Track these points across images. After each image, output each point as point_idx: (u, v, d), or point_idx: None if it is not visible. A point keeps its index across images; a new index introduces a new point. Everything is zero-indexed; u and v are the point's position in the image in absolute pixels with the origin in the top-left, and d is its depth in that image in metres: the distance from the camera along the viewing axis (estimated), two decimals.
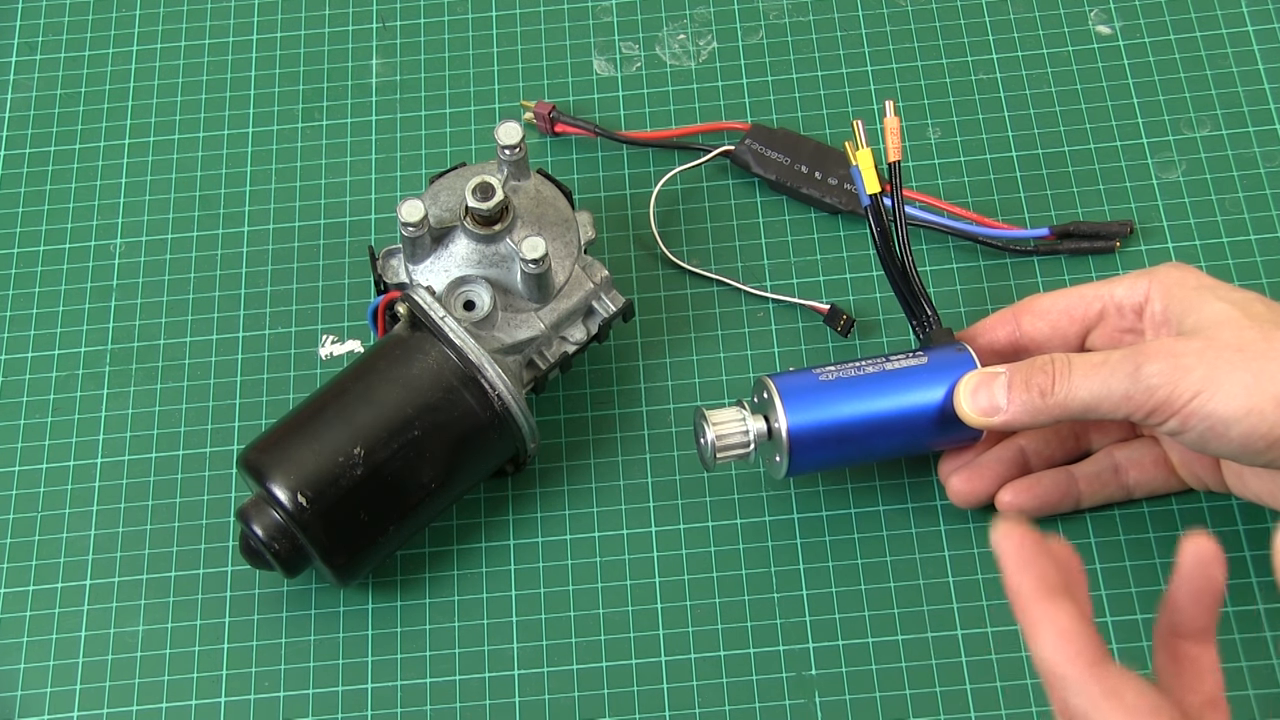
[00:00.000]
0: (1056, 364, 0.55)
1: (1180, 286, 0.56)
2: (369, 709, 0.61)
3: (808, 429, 0.58)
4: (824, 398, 0.58)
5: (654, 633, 0.61)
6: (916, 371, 0.59)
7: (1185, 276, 0.57)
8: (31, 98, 0.75)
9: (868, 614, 0.61)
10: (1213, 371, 0.52)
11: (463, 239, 0.62)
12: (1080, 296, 0.59)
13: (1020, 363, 0.57)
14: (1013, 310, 0.60)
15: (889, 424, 0.58)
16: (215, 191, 0.72)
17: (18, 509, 0.65)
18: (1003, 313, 0.61)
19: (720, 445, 0.59)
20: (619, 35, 0.75)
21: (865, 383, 0.58)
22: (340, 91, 0.74)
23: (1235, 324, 0.53)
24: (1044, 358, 0.56)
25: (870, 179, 0.60)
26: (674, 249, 0.69)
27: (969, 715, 0.59)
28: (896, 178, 0.61)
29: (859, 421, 0.58)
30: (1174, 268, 0.57)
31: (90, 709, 0.61)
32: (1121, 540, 0.62)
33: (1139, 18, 0.73)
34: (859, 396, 0.58)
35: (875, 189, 0.60)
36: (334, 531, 0.58)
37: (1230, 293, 0.55)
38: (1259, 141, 0.70)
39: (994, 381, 0.57)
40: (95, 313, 0.69)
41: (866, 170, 0.60)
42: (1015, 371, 0.56)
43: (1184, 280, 0.56)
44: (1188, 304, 0.55)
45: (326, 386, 0.60)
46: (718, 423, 0.59)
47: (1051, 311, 0.59)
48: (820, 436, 0.58)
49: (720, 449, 0.59)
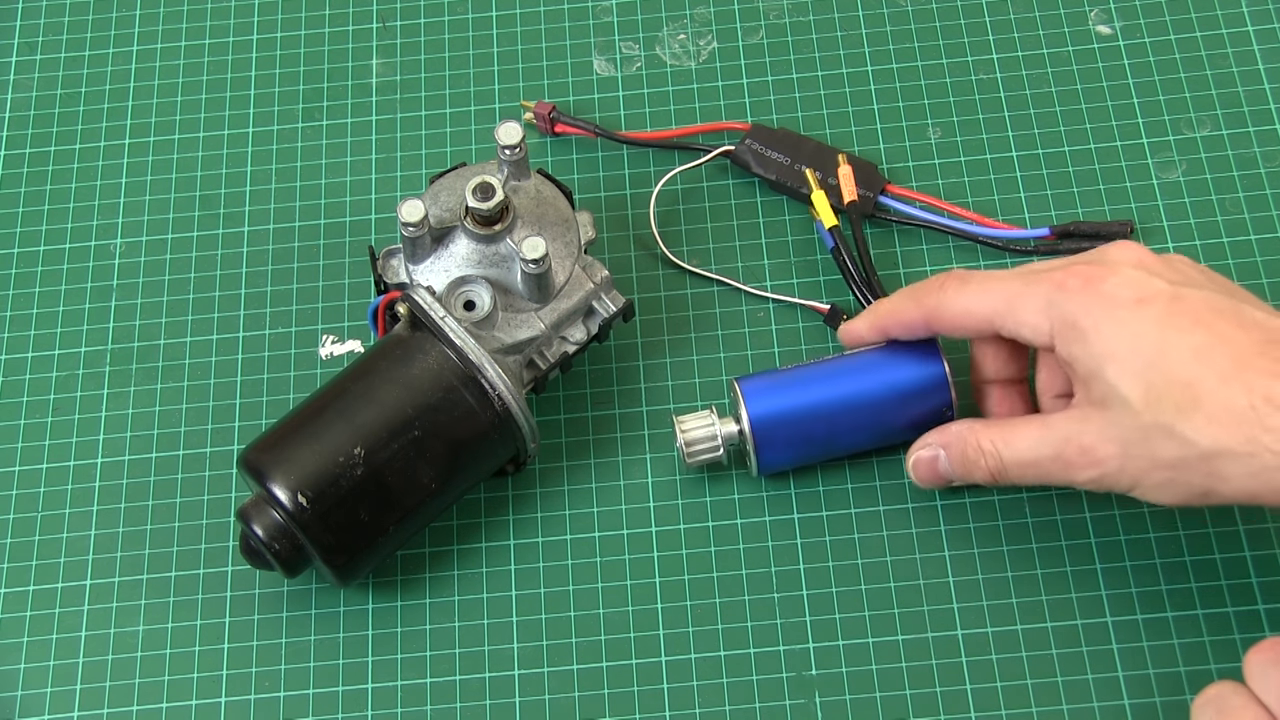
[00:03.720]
0: (987, 456, 0.57)
1: (1081, 320, 0.53)
2: (369, 709, 0.61)
3: (768, 417, 0.60)
4: (784, 387, 0.61)
5: (654, 633, 0.61)
6: (874, 354, 0.61)
7: (1088, 298, 0.53)
8: (31, 98, 0.75)
9: (868, 614, 0.61)
10: (1140, 474, 0.53)
11: (463, 239, 0.62)
12: (988, 321, 0.57)
13: (953, 442, 0.59)
14: (921, 314, 0.59)
15: (850, 405, 0.60)
16: (215, 191, 0.72)
17: (18, 509, 0.65)
18: (907, 308, 0.59)
19: (689, 448, 0.61)
20: (619, 35, 0.75)
21: (824, 367, 0.61)
22: (340, 91, 0.74)
23: (1147, 387, 0.52)
24: (973, 444, 0.58)
25: (826, 214, 0.66)
26: (674, 249, 0.69)
27: (969, 715, 0.59)
28: (856, 220, 0.67)
29: (819, 404, 0.60)
30: (1084, 277, 0.54)
31: (90, 709, 0.61)
32: (1121, 540, 0.62)
33: (1139, 18, 0.73)
34: (818, 381, 0.61)
35: (831, 222, 0.66)
36: (334, 532, 0.58)
37: (1143, 309, 0.52)
38: (1259, 141, 0.70)
39: (936, 464, 0.60)
40: (95, 313, 0.69)
41: (822, 208, 0.66)
42: (951, 454, 0.59)
43: (1086, 308, 0.53)
44: (1095, 356, 0.53)
45: (326, 386, 0.60)
46: (685, 426, 0.61)
47: (963, 327, 0.58)
48: (783, 422, 0.60)
49: (690, 452, 0.61)
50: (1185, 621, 0.60)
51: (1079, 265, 0.55)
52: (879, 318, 0.61)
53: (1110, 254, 0.56)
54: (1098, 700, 0.59)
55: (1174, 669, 0.59)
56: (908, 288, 0.60)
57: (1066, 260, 0.56)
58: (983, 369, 0.61)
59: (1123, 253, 0.55)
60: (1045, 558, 0.61)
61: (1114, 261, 0.55)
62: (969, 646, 0.60)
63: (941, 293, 0.58)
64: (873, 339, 0.61)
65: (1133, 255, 0.55)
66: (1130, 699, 0.59)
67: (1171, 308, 0.52)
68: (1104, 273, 0.54)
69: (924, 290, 0.59)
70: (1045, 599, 0.61)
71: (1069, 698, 0.59)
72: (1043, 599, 0.61)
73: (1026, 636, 0.60)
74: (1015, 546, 0.62)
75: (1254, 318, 0.52)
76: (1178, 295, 0.53)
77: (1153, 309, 0.52)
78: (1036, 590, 0.61)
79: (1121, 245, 0.56)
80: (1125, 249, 0.56)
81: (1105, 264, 0.55)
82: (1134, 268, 0.54)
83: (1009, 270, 0.57)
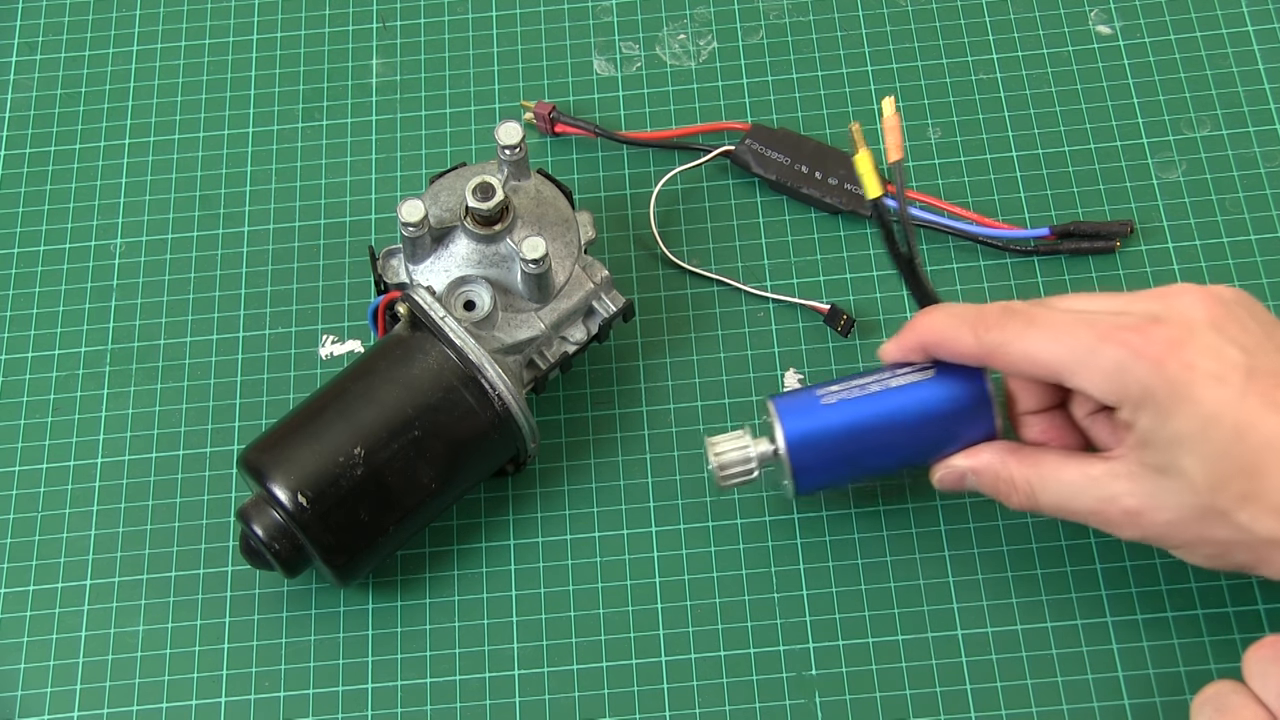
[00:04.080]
0: (1019, 493, 0.56)
1: (1159, 394, 0.51)
2: (369, 709, 0.61)
3: (810, 454, 0.57)
4: (826, 417, 0.57)
5: (654, 633, 0.61)
6: (921, 389, 0.57)
7: (1167, 371, 0.51)
8: (31, 98, 0.75)
9: (868, 614, 0.61)
10: (1186, 545, 0.53)
11: (463, 239, 0.62)
12: (1052, 372, 0.53)
13: (984, 471, 0.57)
14: (978, 350, 0.55)
15: (894, 445, 0.58)
16: (215, 191, 0.72)
17: (18, 509, 0.65)
18: (961, 338, 0.55)
19: (723, 470, 0.59)
20: (619, 35, 0.75)
21: (868, 402, 0.57)
22: (340, 91, 0.74)
23: (1213, 471, 0.50)
24: (1005, 478, 0.56)
25: (870, 183, 0.58)
26: (674, 249, 0.69)
27: (969, 715, 0.59)
28: (899, 178, 0.58)
29: (862, 445, 0.57)
30: (1164, 342, 0.51)
31: (90, 709, 0.61)
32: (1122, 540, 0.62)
33: (1139, 18, 0.73)
34: (863, 417, 0.57)
35: (876, 192, 0.58)
36: (334, 532, 0.58)
37: (1219, 388, 0.50)
38: (1259, 141, 0.70)
39: (964, 480, 0.58)
40: (95, 313, 0.69)
41: (866, 174, 0.58)
42: (981, 480, 0.57)
43: (1165, 381, 0.51)
44: (1165, 433, 0.51)
45: (327, 386, 0.60)
46: (718, 449, 0.59)
47: (1022, 372, 0.55)
48: (824, 460, 0.58)
49: (723, 475, 0.59)
50: (1185, 621, 0.60)
51: (1153, 326, 0.52)
52: (925, 338, 0.56)
53: (1179, 306, 0.52)
54: (1098, 700, 0.59)
55: (1174, 669, 0.59)
56: (958, 308, 0.56)
57: (1135, 311, 0.53)
58: (1020, 401, 0.58)
59: (1193, 306, 0.52)
60: (1045, 558, 0.61)
61: (1187, 319, 0.52)
62: (969, 646, 0.60)
63: (1004, 331, 0.54)
64: (914, 357, 0.57)
65: (1204, 310, 0.52)
66: (1130, 699, 0.59)
67: (1247, 388, 0.50)
68: (1181, 337, 0.51)
69: (983, 322, 0.54)
70: (1045, 599, 0.61)
71: (1069, 698, 0.59)
72: (1043, 599, 0.61)
73: (1026, 636, 0.60)
74: (1015, 546, 0.62)
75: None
76: (1253, 369, 0.51)
77: (1229, 390, 0.50)
78: (1036, 590, 0.61)
79: (1188, 294, 0.53)
80: (1193, 299, 0.52)
81: (1179, 323, 0.52)
82: (1209, 328, 0.51)
83: (1075, 314, 0.53)
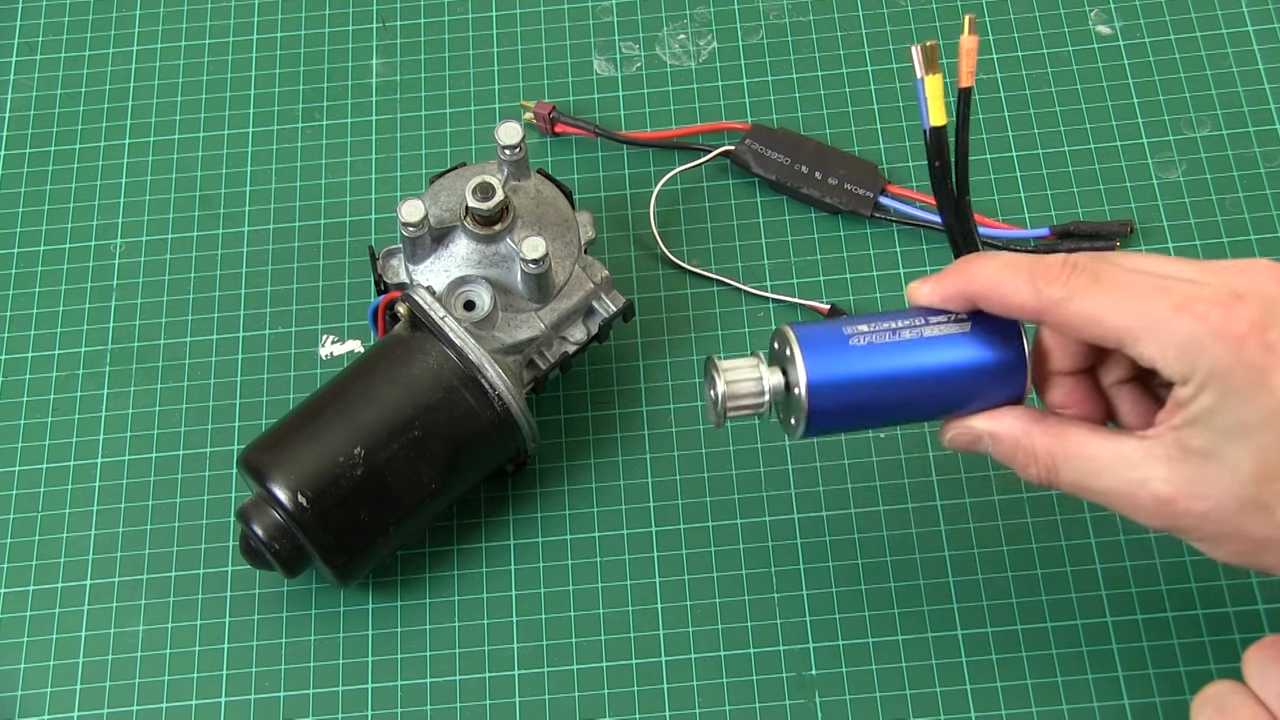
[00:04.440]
0: (1040, 465, 0.51)
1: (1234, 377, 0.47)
2: (369, 709, 0.61)
3: (831, 396, 0.51)
4: (852, 362, 0.51)
5: (654, 633, 0.61)
6: (957, 343, 0.52)
7: (1246, 354, 0.47)
8: (31, 98, 0.75)
9: (868, 614, 0.61)
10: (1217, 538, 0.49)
11: (463, 239, 0.62)
12: (1116, 337, 0.48)
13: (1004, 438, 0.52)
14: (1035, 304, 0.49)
15: (916, 399, 0.52)
16: (215, 191, 0.72)
17: (18, 509, 0.65)
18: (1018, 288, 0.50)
19: (732, 400, 0.52)
20: (619, 35, 0.75)
21: (899, 350, 0.52)
22: (340, 91, 0.74)
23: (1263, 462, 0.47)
24: (1026, 447, 0.51)
25: (936, 110, 0.53)
26: (674, 249, 0.69)
27: (969, 715, 0.59)
28: (965, 108, 0.53)
29: (888, 395, 0.52)
30: (1248, 321, 0.47)
31: (90, 709, 0.61)
32: (1121, 540, 0.62)
33: (1139, 18, 0.73)
34: (891, 367, 0.51)
35: (941, 121, 0.53)
36: (334, 531, 0.58)
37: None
38: (1259, 141, 0.70)
39: (978, 445, 0.53)
40: (95, 313, 0.69)
41: (934, 98, 0.53)
42: (999, 448, 0.52)
43: (1242, 365, 0.47)
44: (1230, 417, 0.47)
45: (326, 386, 0.60)
46: (730, 376, 0.52)
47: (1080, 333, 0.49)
48: (842, 405, 0.52)
49: (731, 405, 0.53)
50: (1185, 621, 0.60)
51: (1236, 302, 0.47)
52: (973, 287, 0.51)
53: (1260, 283, 0.48)
54: (1098, 700, 0.59)
55: (1174, 669, 0.59)
56: (1013, 257, 0.51)
57: (1212, 281, 0.48)
58: (1051, 360, 0.53)
59: (1273, 283, 0.48)
60: (1045, 558, 0.61)
61: (1270, 298, 0.48)
62: (969, 646, 0.60)
63: (1067, 287, 0.49)
64: (955, 304, 0.52)
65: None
66: (1130, 699, 0.59)
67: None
68: (1265, 319, 0.47)
69: (1044, 274, 0.49)
70: (1045, 599, 0.61)
71: (1069, 698, 0.59)
72: (1043, 599, 0.61)
73: (1026, 636, 0.60)
74: (1015, 546, 0.62)
75: None
76: None
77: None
78: (1036, 590, 0.61)
79: (1267, 271, 0.49)
80: (1273, 276, 0.48)
81: (1261, 303, 0.47)
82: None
83: (1147, 275, 0.49)
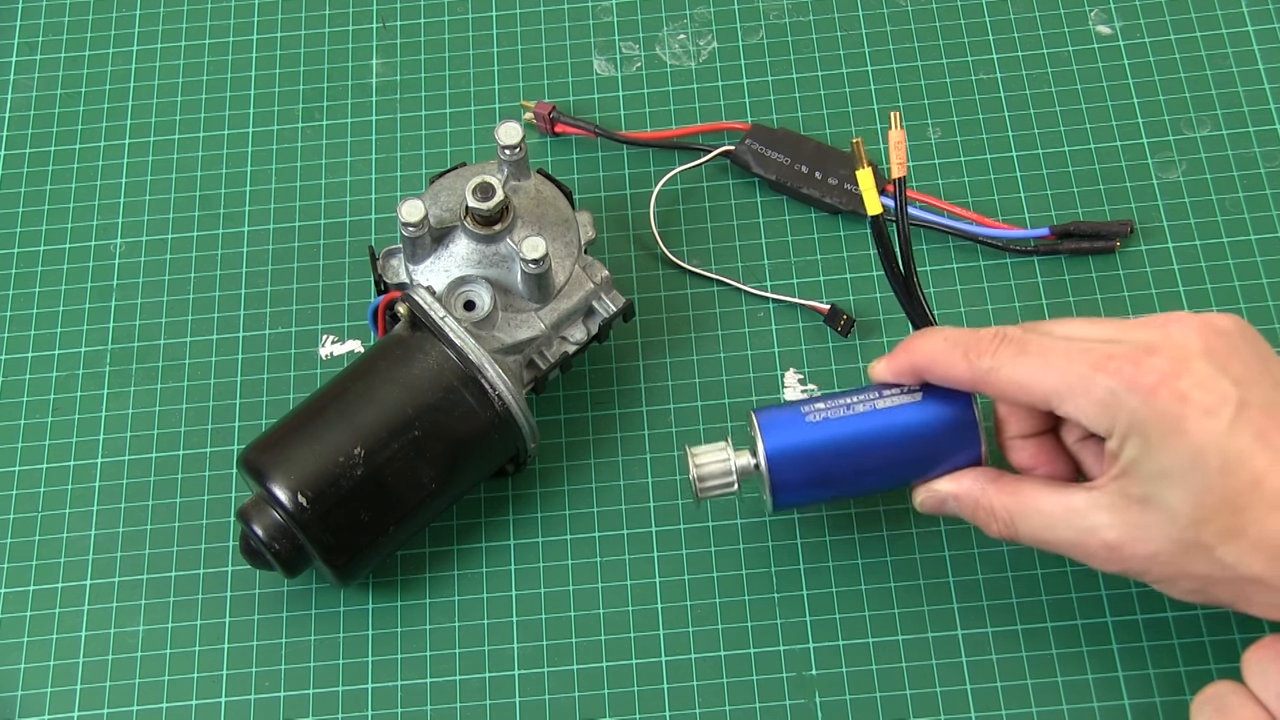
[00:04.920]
0: (999, 522, 0.55)
1: (1149, 427, 0.50)
2: (369, 709, 0.61)
3: (790, 470, 0.57)
4: (808, 438, 0.57)
5: (654, 633, 0.61)
6: (908, 411, 0.57)
7: (1159, 404, 0.50)
8: (31, 98, 0.75)
9: (868, 614, 0.61)
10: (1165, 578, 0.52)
11: (463, 239, 0.62)
12: (1044, 399, 0.53)
13: (964, 497, 0.56)
14: (969, 376, 0.55)
15: (877, 466, 0.57)
16: (215, 191, 0.72)
17: (18, 509, 0.65)
18: (953, 362, 0.55)
19: (702, 483, 0.58)
20: (619, 35, 0.75)
21: (853, 423, 0.57)
22: (340, 91, 0.74)
23: (1199, 505, 0.50)
24: (985, 506, 0.55)
25: (871, 200, 0.58)
26: (674, 249, 0.69)
27: (969, 715, 0.59)
28: (900, 195, 0.59)
29: (845, 465, 0.57)
30: (1157, 374, 0.50)
31: (90, 709, 0.61)
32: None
33: (1139, 18, 0.73)
34: (846, 437, 0.57)
35: (876, 210, 0.58)
36: (334, 532, 0.58)
37: (1210, 421, 0.49)
38: (1259, 141, 0.70)
39: (944, 505, 0.57)
40: (95, 313, 0.69)
41: (867, 190, 0.58)
42: (961, 506, 0.56)
43: (1156, 415, 0.50)
44: (1153, 467, 0.50)
45: (327, 386, 0.60)
46: (699, 460, 0.58)
47: (1013, 399, 0.54)
48: (804, 477, 0.57)
49: (703, 486, 0.58)
50: (1185, 621, 0.60)
51: (1147, 356, 0.51)
52: (917, 361, 0.56)
53: (1175, 335, 0.52)
54: (1098, 700, 0.59)
55: (1174, 669, 0.59)
56: (952, 332, 0.56)
57: (1129, 339, 0.52)
58: (1009, 427, 0.57)
59: (1189, 335, 0.51)
60: (1045, 557, 0.61)
61: (1181, 349, 0.51)
62: (969, 646, 0.60)
63: (995, 357, 0.54)
64: (906, 379, 0.57)
65: (1199, 340, 0.51)
66: (1130, 699, 0.59)
67: (1237, 420, 0.50)
68: (1175, 370, 0.50)
69: (975, 348, 0.54)
70: (1045, 599, 0.61)
71: (1069, 698, 0.59)
72: (1043, 599, 0.61)
73: (1026, 636, 0.60)
74: (1015, 546, 0.62)
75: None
76: (1244, 402, 0.50)
77: (1219, 422, 0.50)
78: (1036, 590, 0.61)
79: (1184, 322, 0.52)
80: (1189, 329, 0.52)
81: (1174, 356, 0.51)
82: (1203, 358, 0.51)
83: (1069, 342, 0.53)
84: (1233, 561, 0.50)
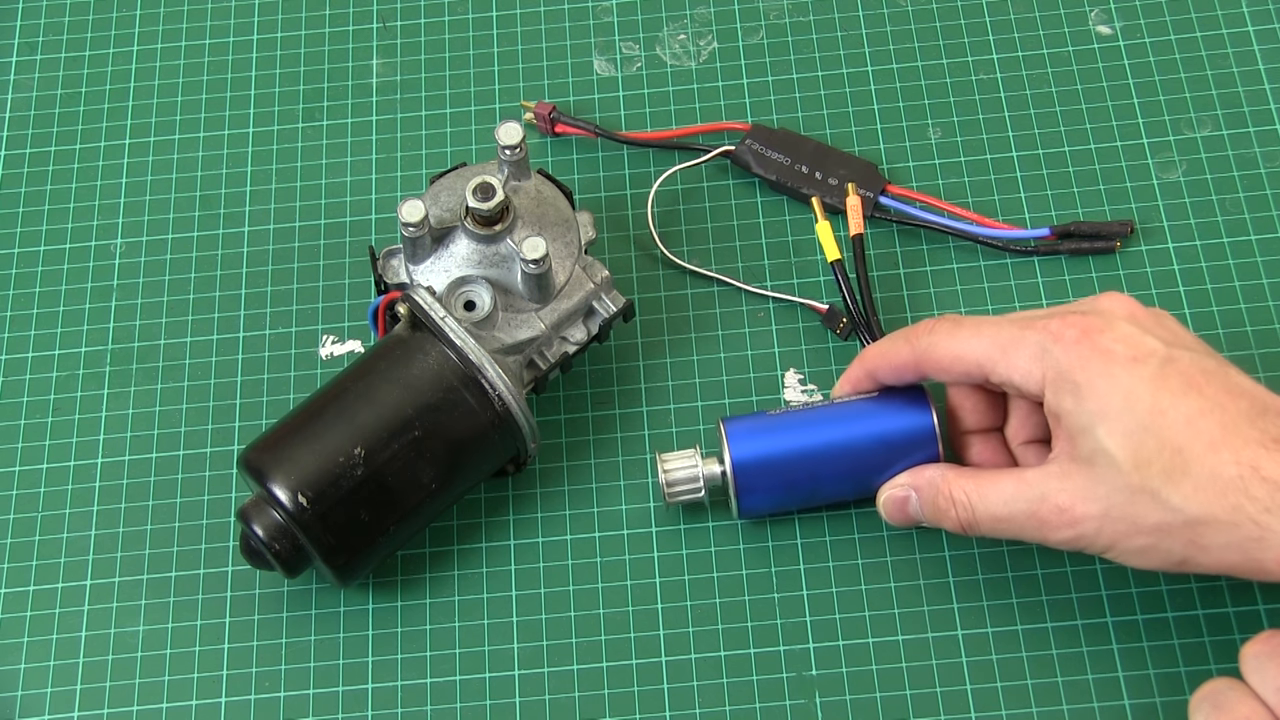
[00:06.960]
0: (959, 507, 0.56)
1: (1077, 373, 0.53)
2: (369, 709, 0.61)
3: (751, 460, 0.59)
4: (769, 431, 0.60)
5: (654, 633, 0.61)
6: (862, 403, 0.60)
7: (1084, 351, 0.53)
8: (31, 98, 0.75)
9: (868, 614, 0.61)
10: (1119, 537, 0.53)
11: (463, 239, 0.62)
12: (978, 366, 0.56)
13: (925, 487, 0.58)
14: (911, 356, 0.58)
15: (839, 470, 0.59)
16: (215, 191, 0.72)
17: (18, 509, 0.65)
18: (897, 349, 0.58)
19: (670, 488, 0.61)
20: (619, 35, 0.75)
21: (812, 414, 0.60)
22: (340, 91, 0.74)
23: (1137, 448, 0.51)
24: (945, 493, 0.57)
25: (829, 248, 0.65)
26: (674, 249, 0.69)
27: (969, 715, 0.59)
28: (860, 249, 0.65)
29: (807, 468, 0.59)
30: (1081, 328, 0.53)
31: (90, 709, 0.61)
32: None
33: (1139, 18, 0.73)
34: (804, 426, 0.60)
35: (835, 256, 0.65)
36: (335, 532, 0.58)
37: (1137, 368, 0.52)
38: (1259, 141, 0.70)
39: (907, 505, 0.59)
40: (95, 313, 0.69)
41: (826, 241, 0.65)
42: (922, 498, 0.58)
43: (1082, 361, 0.53)
44: (1087, 412, 0.52)
45: (327, 386, 0.60)
46: (668, 465, 0.61)
47: (953, 371, 0.57)
48: (768, 482, 0.60)
49: (671, 492, 0.61)
50: (1185, 621, 0.60)
51: (1073, 315, 0.54)
52: (868, 360, 0.60)
53: (1102, 305, 0.55)
54: (1098, 700, 0.59)
55: (1174, 669, 0.59)
56: (898, 331, 0.59)
57: (1059, 309, 0.55)
58: (961, 420, 0.60)
59: (1115, 304, 0.55)
60: (1045, 557, 0.61)
61: (1107, 313, 0.54)
62: (969, 646, 0.60)
63: (932, 335, 0.57)
64: (864, 385, 0.60)
65: (1124, 308, 0.54)
66: (1130, 699, 0.59)
67: (1165, 369, 0.52)
68: (1099, 325, 0.53)
69: (915, 332, 0.58)
70: (1045, 599, 0.61)
71: (1069, 698, 0.59)
72: (1043, 599, 0.61)
73: (1026, 636, 0.60)
74: (1015, 546, 0.62)
75: (1241, 385, 0.52)
76: (1171, 356, 0.52)
77: (1147, 368, 0.52)
78: (1036, 590, 0.61)
79: (1112, 297, 0.55)
80: (1116, 300, 0.55)
81: (1099, 315, 0.54)
82: (1127, 321, 0.53)
83: (1001, 316, 0.56)
84: (1179, 503, 0.50)
